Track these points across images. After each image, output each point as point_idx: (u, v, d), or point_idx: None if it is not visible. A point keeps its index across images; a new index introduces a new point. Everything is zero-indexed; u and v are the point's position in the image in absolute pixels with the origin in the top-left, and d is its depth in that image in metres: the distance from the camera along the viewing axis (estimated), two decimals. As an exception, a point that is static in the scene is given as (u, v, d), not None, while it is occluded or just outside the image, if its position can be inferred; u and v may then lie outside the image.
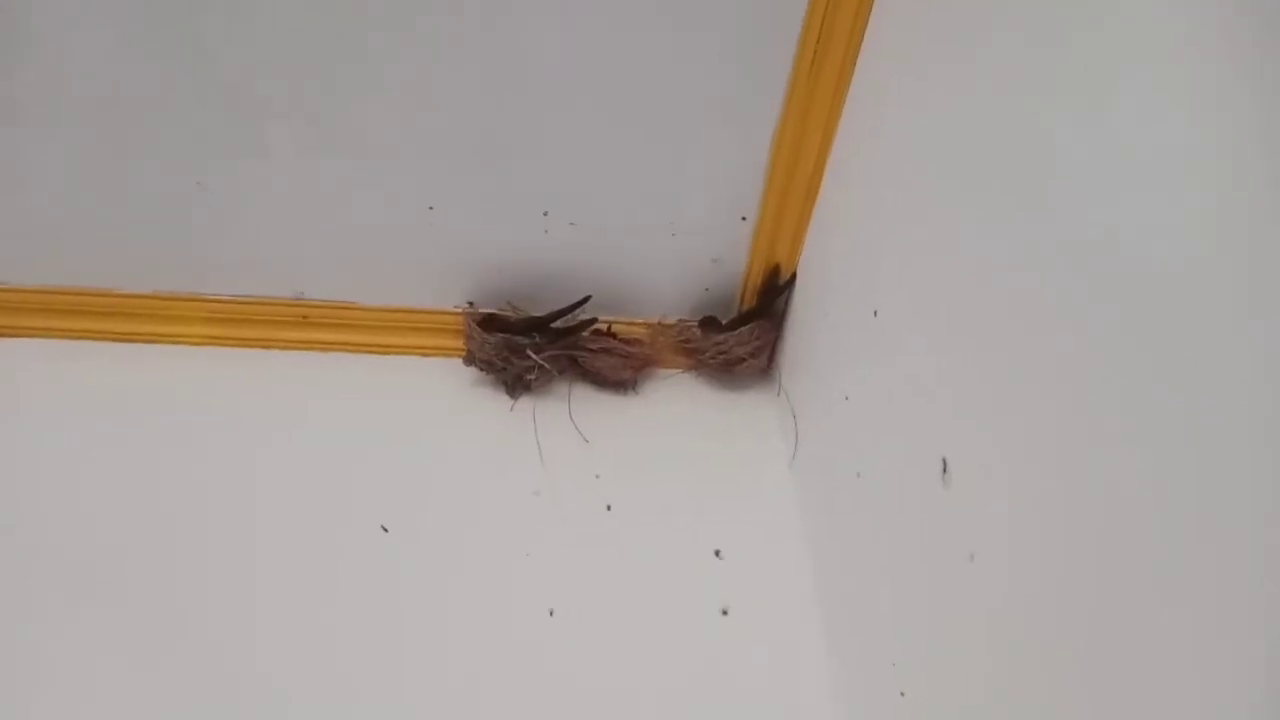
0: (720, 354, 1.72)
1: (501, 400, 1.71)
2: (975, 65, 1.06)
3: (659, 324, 1.75)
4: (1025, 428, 0.93)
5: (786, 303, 1.70)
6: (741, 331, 1.70)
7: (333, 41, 1.39)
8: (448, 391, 1.71)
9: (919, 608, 1.13)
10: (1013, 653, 0.93)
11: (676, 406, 1.75)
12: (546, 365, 1.68)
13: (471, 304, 1.72)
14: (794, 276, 1.66)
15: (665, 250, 1.66)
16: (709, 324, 1.72)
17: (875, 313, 1.28)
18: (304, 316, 1.72)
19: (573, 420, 1.68)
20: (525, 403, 1.71)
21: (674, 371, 1.79)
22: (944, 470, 1.06)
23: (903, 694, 1.15)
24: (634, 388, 1.77)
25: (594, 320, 1.71)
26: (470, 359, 1.70)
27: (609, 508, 1.58)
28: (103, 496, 1.50)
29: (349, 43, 1.39)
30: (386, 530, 1.50)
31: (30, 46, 1.38)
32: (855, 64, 1.38)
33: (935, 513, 1.08)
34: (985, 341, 1.01)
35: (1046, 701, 0.88)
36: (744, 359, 1.72)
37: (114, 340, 1.70)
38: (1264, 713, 0.65)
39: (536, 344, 1.68)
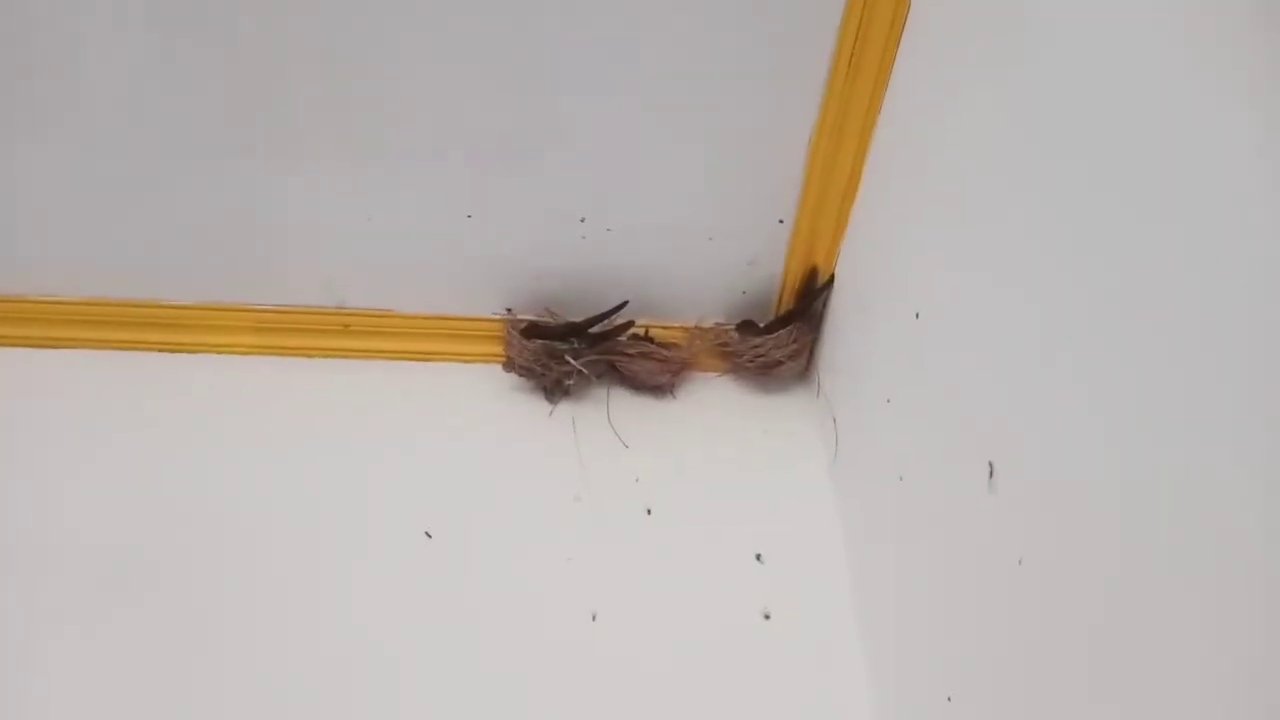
0: (758, 357, 1.72)
1: (541, 405, 1.72)
2: (1016, 64, 1.05)
3: (696, 327, 1.75)
4: (1074, 430, 0.92)
5: (825, 305, 1.69)
6: (779, 334, 1.69)
7: (368, 51, 1.40)
8: (487, 397, 1.72)
9: (966, 611, 1.12)
10: (1064, 657, 0.92)
11: (715, 410, 1.75)
12: (585, 370, 1.69)
13: (510, 310, 1.73)
14: (832, 278, 1.65)
15: (702, 254, 1.66)
16: (746, 327, 1.72)
17: (917, 315, 1.27)
18: (345, 325, 1.74)
19: (611, 424, 1.69)
20: (564, 407, 1.71)
21: (712, 375, 1.79)
22: (990, 474, 1.05)
23: (949, 699, 1.14)
24: (672, 392, 1.76)
25: (631, 323, 1.71)
26: (510, 364, 1.71)
27: (649, 512, 1.59)
28: (149, 504, 1.53)
29: (384, 52, 1.41)
30: (430, 536, 1.51)
31: (70, 62, 1.41)
32: (893, 63, 1.37)
33: (982, 517, 1.07)
34: (1033, 343, 1.00)
35: (1101, 706, 0.86)
36: (782, 362, 1.71)
37: (161, 351, 1.73)
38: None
39: (575, 349, 1.68)
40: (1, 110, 1.47)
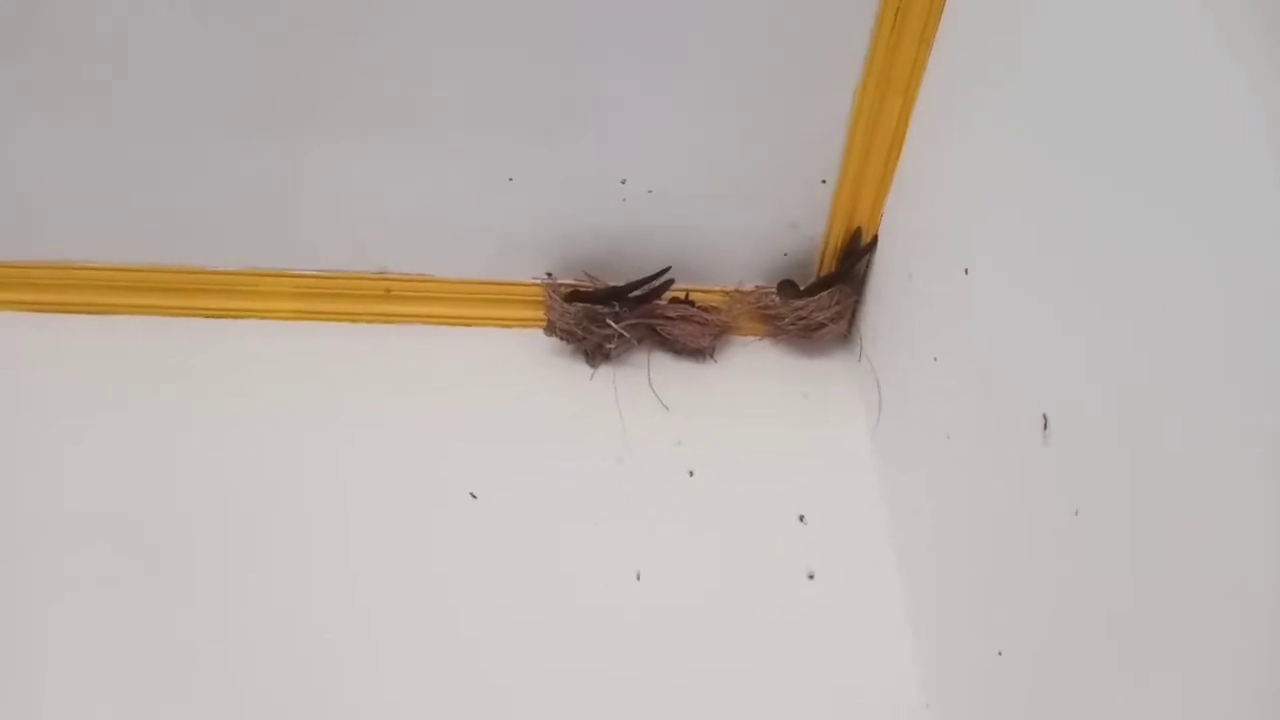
0: (799, 319, 1.71)
1: (582, 369, 1.73)
2: (1064, 16, 1.04)
3: (737, 291, 1.75)
4: (1131, 378, 0.91)
5: (867, 266, 1.68)
6: (821, 296, 1.68)
7: (409, 17, 1.40)
8: (529, 361, 1.73)
9: (1019, 565, 1.11)
10: (1123, 607, 0.92)
11: (756, 373, 1.75)
12: (626, 334, 1.69)
13: (550, 274, 1.73)
14: (875, 239, 1.64)
15: (743, 216, 1.66)
16: (787, 289, 1.71)
17: (966, 271, 1.26)
18: (387, 290, 1.75)
19: (653, 388, 1.69)
20: (605, 372, 1.72)
21: (752, 338, 1.79)
22: (1045, 427, 1.04)
23: (1000, 653, 1.14)
24: (713, 355, 1.77)
25: (671, 283, 1.71)
26: (551, 329, 1.72)
27: (691, 474, 1.59)
28: (197, 468, 1.56)
29: (424, 18, 1.40)
30: (475, 497, 1.53)
31: (112, 36, 1.42)
32: (939, 19, 1.36)
33: (1036, 470, 1.06)
34: (1086, 294, 0.99)
35: (1162, 656, 0.86)
36: (824, 324, 1.71)
37: (205, 316, 1.75)
38: None
39: (616, 313, 1.69)
40: (45, 85, 1.48)
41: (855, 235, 1.66)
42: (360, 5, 1.39)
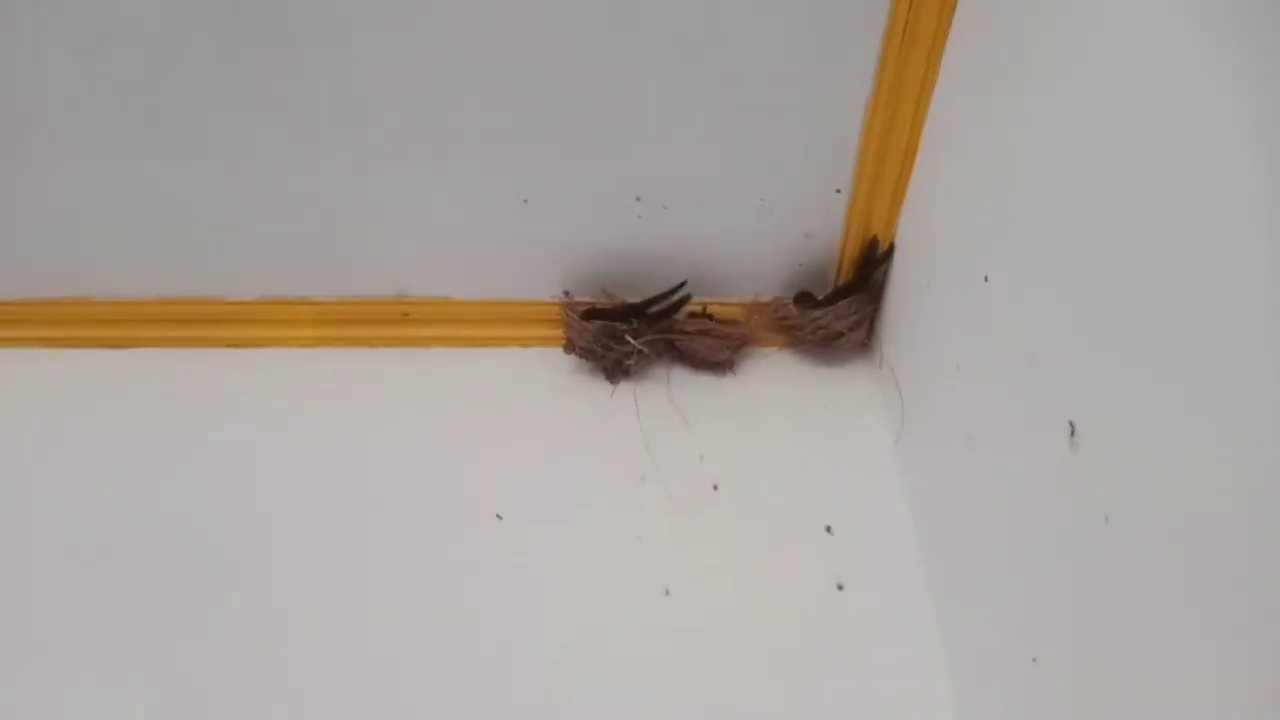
0: (818, 330, 1.71)
1: (602, 386, 1.73)
2: (1074, 24, 1.04)
3: (754, 303, 1.74)
4: (1158, 383, 0.90)
5: (885, 274, 1.68)
6: (839, 306, 1.68)
7: (423, 42, 1.41)
8: (549, 380, 1.74)
9: (1049, 571, 1.11)
10: (1155, 612, 0.92)
11: (776, 384, 1.74)
12: (645, 349, 1.69)
13: (568, 293, 1.74)
14: (892, 247, 1.64)
15: (758, 228, 1.65)
16: (804, 300, 1.71)
17: (986, 278, 1.26)
18: (405, 314, 1.76)
19: (673, 403, 1.69)
20: (625, 388, 1.72)
21: (771, 350, 1.79)
22: (1072, 434, 1.04)
23: (1034, 660, 1.13)
24: (732, 368, 1.76)
25: (689, 298, 1.71)
26: (570, 347, 1.72)
27: (715, 488, 1.59)
28: (224, 496, 1.57)
29: (438, 41, 1.41)
30: (501, 518, 1.53)
31: (140, 66, 1.43)
32: (949, 26, 1.36)
33: (1064, 477, 1.06)
34: (1108, 299, 0.99)
35: (1197, 659, 0.85)
36: (843, 333, 1.70)
37: (227, 346, 1.76)
38: None
39: (634, 329, 1.69)
40: (60, 121, 1.50)
41: (872, 244, 1.65)
42: (373, 36, 1.40)
